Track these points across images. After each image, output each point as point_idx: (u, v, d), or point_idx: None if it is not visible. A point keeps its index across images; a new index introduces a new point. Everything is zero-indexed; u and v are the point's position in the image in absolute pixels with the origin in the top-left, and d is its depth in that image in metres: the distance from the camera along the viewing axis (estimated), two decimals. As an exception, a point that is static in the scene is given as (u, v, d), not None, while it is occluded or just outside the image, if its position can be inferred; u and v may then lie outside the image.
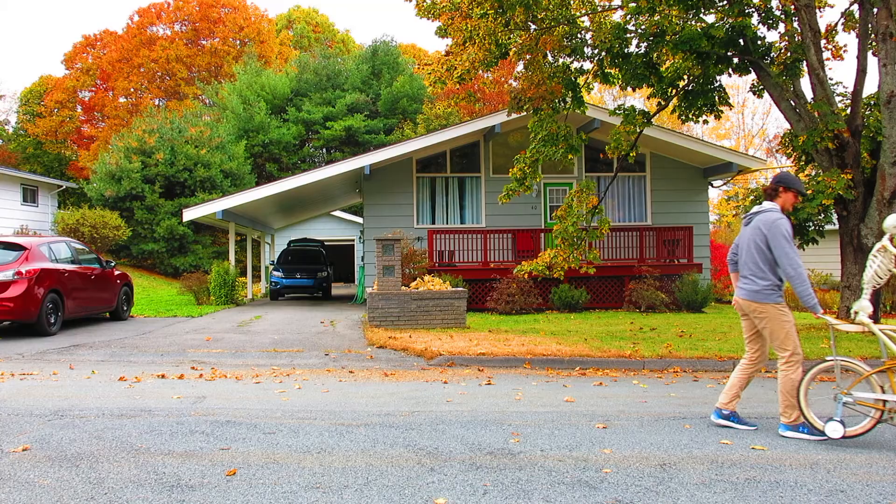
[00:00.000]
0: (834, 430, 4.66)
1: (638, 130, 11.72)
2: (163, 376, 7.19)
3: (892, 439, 4.88)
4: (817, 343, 9.19)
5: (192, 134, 27.48)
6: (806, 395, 4.88)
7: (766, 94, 11.79)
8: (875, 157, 10.41)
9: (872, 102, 10.93)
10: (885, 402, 4.67)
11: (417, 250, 15.08)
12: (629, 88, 11.55)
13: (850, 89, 10.81)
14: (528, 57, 11.38)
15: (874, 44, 10.17)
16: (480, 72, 11.65)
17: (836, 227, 10.98)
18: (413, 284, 12.31)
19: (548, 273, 11.59)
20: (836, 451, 4.52)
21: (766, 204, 5.15)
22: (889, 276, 4.94)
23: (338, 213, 30.75)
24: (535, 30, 11.33)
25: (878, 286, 4.97)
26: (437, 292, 11.75)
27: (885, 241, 4.93)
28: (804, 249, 10.91)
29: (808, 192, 10.03)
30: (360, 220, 26.65)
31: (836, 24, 11.85)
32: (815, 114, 10.42)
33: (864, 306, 4.88)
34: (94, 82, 39.88)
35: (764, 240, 4.97)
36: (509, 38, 11.36)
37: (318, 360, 8.44)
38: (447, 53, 11.77)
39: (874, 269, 4.94)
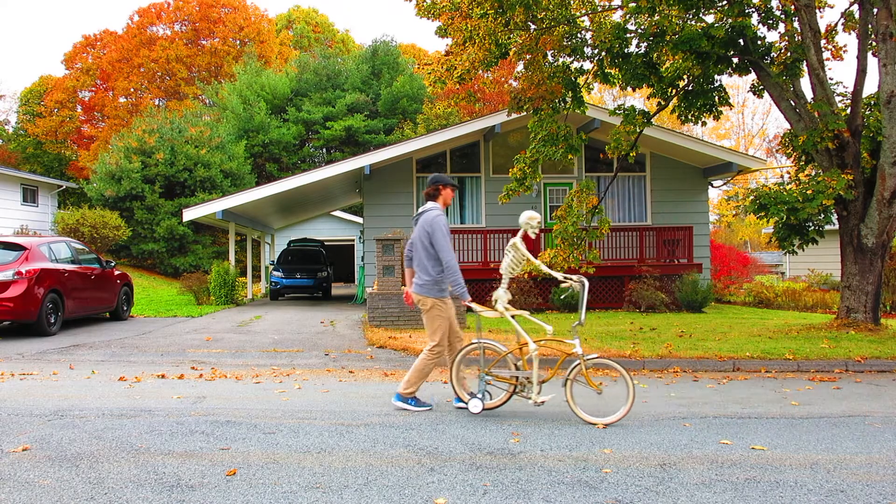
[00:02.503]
0: (475, 405, 5.32)
1: (638, 130, 11.72)
2: (163, 376, 7.20)
3: (521, 408, 5.70)
4: (817, 343, 9.19)
5: (192, 134, 27.47)
6: (458, 375, 5.60)
7: (766, 94, 11.78)
8: (875, 157, 10.41)
9: (872, 102, 10.93)
10: (516, 377, 5.43)
11: (417, 250, 15.05)
12: (629, 88, 11.54)
13: (850, 89, 10.80)
14: (528, 57, 11.37)
15: (874, 44, 10.16)
16: (480, 72, 11.63)
17: (836, 227, 10.98)
18: (413, 284, 12.29)
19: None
20: (836, 451, 4.52)
21: (429, 204, 5.69)
22: (523, 267, 5.65)
23: (338, 213, 30.75)
24: (535, 30, 11.33)
25: (513, 275, 5.62)
26: (437, 292, 11.73)
27: (518, 238, 5.53)
28: (804, 249, 10.90)
29: (809, 192, 10.02)
30: (360, 220, 26.65)
31: (836, 24, 11.85)
32: (815, 114, 10.41)
33: (500, 295, 5.52)
34: (94, 82, 39.88)
35: (428, 237, 5.49)
36: (509, 38, 11.35)
37: (318, 360, 8.44)
38: (447, 53, 11.76)
39: (508, 262, 5.55)
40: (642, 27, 11.49)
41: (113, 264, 13.14)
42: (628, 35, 11.34)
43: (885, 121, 9.82)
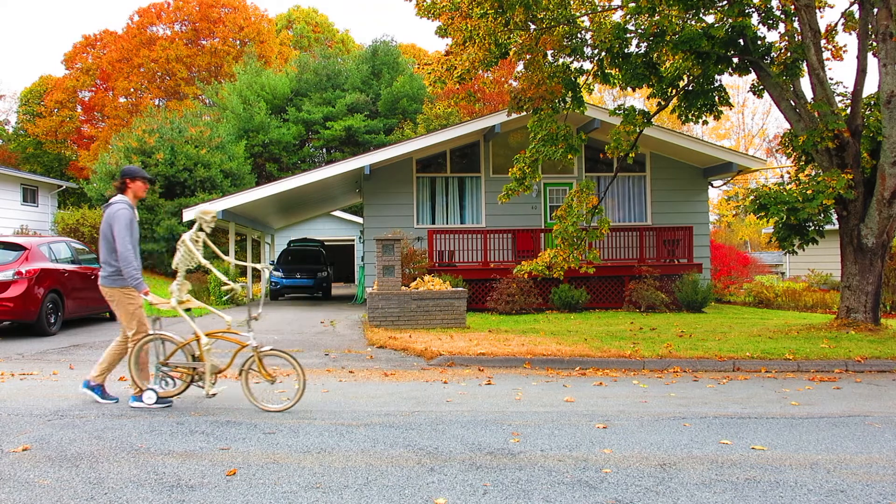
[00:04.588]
0: (149, 397, 5.43)
1: (638, 130, 11.72)
2: (163, 376, 7.18)
3: (196, 398, 5.84)
4: (817, 343, 9.19)
5: (192, 134, 27.45)
6: (137, 364, 5.65)
7: (766, 94, 11.78)
8: (875, 157, 10.41)
9: (872, 102, 10.93)
10: (194, 368, 5.57)
11: (417, 250, 15.08)
12: (629, 88, 11.54)
13: (850, 89, 10.80)
14: (528, 57, 11.36)
15: (874, 44, 10.16)
16: (480, 72, 11.63)
17: (836, 227, 10.98)
18: (413, 284, 12.31)
19: (548, 273, 11.59)
20: (836, 451, 4.53)
21: (117, 197, 5.70)
22: (195, 263, 5.74)
23: (338, 213, 30.74)
24: (535, 30, 11.33)
25: (188, 268, 5.71)
26: (437, 292, 11.75)
27: (191, 233, 5.63)
28: (804, 249, 10.90)
29: (809, 192, 10.02)
30: (360, 220, 26.65)
31: (836, 24, 11.85)
32: (815, 114, 10.41)
33: (174, 289, 5.67)
34: (94, 82, 39.87)
35: (110, 229, 5.56)
36: (509, 38, 11.35)
37: (318, 360, 8.44)
38: (447, 53, 11.76)
39: (179, 257, 5.67)
40: (642, 27, 11.49)
41: (113, 264, 13.12)
42: (628, 35, 11.34)
43: (885, 121, 9.82)
